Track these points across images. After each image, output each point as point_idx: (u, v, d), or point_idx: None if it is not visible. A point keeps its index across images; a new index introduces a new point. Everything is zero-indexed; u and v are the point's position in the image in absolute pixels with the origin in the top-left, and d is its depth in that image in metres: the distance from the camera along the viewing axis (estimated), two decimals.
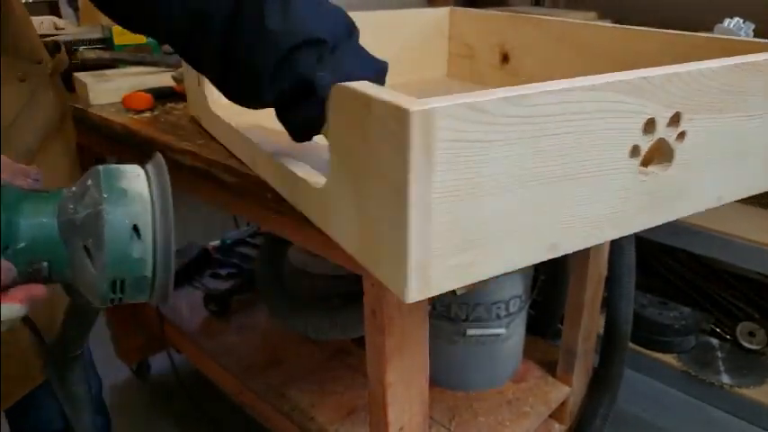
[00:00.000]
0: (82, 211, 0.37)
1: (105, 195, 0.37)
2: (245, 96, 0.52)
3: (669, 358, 1.48)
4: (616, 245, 1.10)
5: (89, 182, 0.38)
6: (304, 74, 0.48)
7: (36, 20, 1.29)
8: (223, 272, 1.48)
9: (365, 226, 0.40)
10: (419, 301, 0.64)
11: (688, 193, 0.50)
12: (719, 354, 1.48)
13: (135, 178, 0.39)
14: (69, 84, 0.96)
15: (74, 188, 0.39)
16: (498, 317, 1.09)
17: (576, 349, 1.10)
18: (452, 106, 0.34)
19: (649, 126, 0.43)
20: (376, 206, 0.38)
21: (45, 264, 0.37)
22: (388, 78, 0.52)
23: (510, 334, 1.12)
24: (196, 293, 1.39)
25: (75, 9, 1.46)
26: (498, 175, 0.37)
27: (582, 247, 0.44)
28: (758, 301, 1.50)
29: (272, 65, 0.48)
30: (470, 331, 1.09)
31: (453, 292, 0.47)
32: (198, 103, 0.77)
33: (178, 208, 0.39)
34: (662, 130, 0.44)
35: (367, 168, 0.38)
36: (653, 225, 0.49)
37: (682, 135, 0.45)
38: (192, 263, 1.47)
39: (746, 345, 1.47)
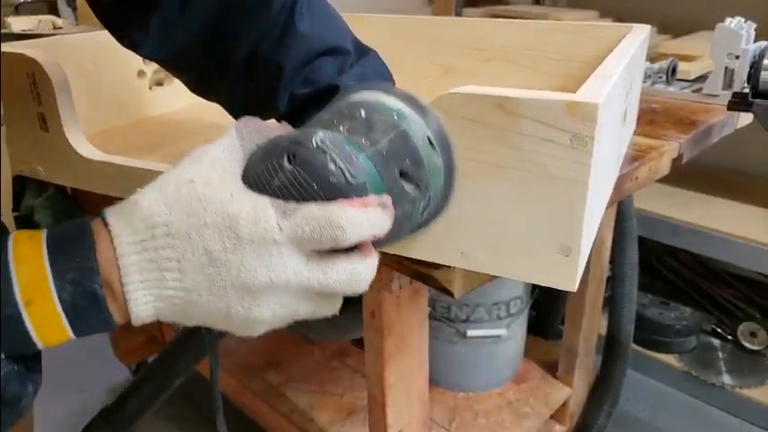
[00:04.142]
0: (381, 139, 0.34)
1: (395, 116, 0.35)
2: (259, 101, 0.52)
3: (670, 359, 1.48)
4: (619, 244, 1.09)
5: (361, 112, 0.35)
6: (325, 80, 0.49)
7: (34, 19, 1.29)
8: None
9: (497, 232, 0.41)
10: (418, 302, 0.64)
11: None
12: (721, 354, 1.48)
13: (386, 97, 0.37)
14: None
15: (341, 127, 0.34)
16: (499, 318, 1.09)
17: (578, 350, 1.10)
18: (607, 95, 0.37)
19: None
20: (527, 208, 0.39)
21: None
22: None
23: (511, 335, 1.12)
24: None
25: (74, 9, 1.46)
26: (603, 157, 0.41)
27: None
28: (759, 302, 1.49)
29: (296, 66, 0.49)
30: (471, 332, 1.09)
31: (452, 293, 0.46)
32: (49, 150, 0.65)
33: None
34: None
35: (501, 172, 0.39)
36: None
37: None
38: None
39: (748, 345, 1.46)
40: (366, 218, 0.31)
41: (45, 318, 0.29)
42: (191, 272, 0.31)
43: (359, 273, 0.32)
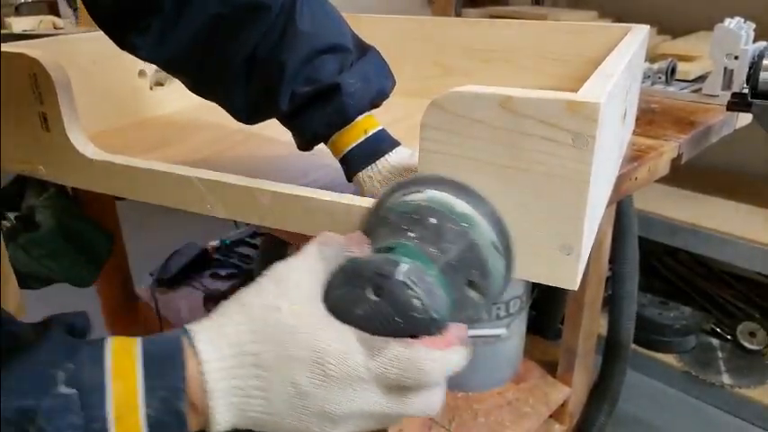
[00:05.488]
0: (452, 249, 0.35)
1: (465, 225, 0.36)
2: (261, 101, 0.52)
3: (669, 358, 1.48)
4: (619, 244, 1.09)
5: (431, 220, 0.36)
6: (326, 79, 0.49)
7: (35, 19, 1.29)
8: (223, 272, 1.47)
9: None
10: None
11: None
12: (720, 354, 1.48)
13: (455, 201, 0.38)
14: None
15: (411, 233, 0.36)
16: (498, 317, 1.09)
17: (577, 349, 1.10)
18: (609, 94, 0.37)
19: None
20: (529, 207, 0.39)
21: None
22: None
23: (510, 334, 1.12)
24: (196, 294, 1.39)
25: (75, 9, 1.46)
26: (603, 156, 0.41)
27: None
28: (758, 302, 1.49)
29: (297, 64, 0.49)
30: (470, 332, 1.08)
31: None
32: (51, 150, 0.64)
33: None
34: None
35: (502, 171, 0.39)
36: None
37: None
38: (191, 263, 1.47)
39: (747, 345, 1.47)
40: (449, 359, 0.33)
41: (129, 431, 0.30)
42: (276, 401, 0.32)
43: (434, 403, 0.34)
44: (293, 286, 0.33)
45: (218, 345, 0.32)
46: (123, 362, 0.31)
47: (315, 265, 0.34)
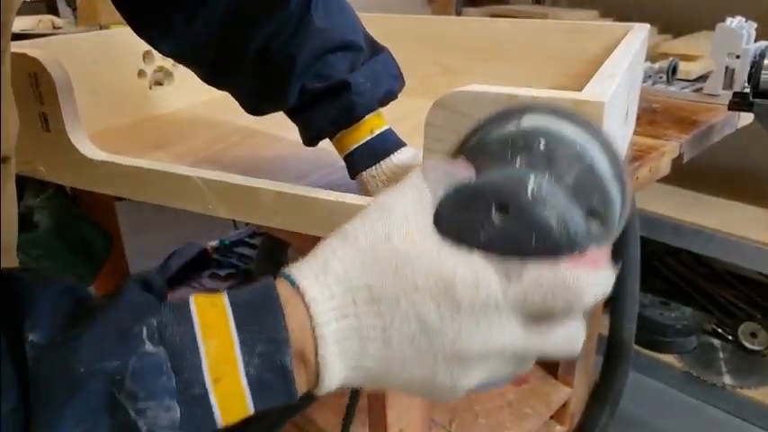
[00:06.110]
0: (568, 174, 0.29)
1: (578, 148, 0.30)
2: (270, 93, 0.52)
3: (670, 359, 1.48)
4: (620, 243, 1.09)
5: (540, 144, 0.29)
6: (337, 76, 0.50)
7: (33, 19, 1.29)
8: (222, 272, 1.47)
9: None
10: None
11: None
12: (721, 354, 1.48)
13: (561, 123, 0.31)
14: None
15: (517, 161, 0.29)
16: None
17: None
18: (612, 94, 0.37)
19: None
20: None
21: None
22: None
23: None
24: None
25: (74, 8, 1.45)
26: None
27: None
28: (760, 302, 1.49)
29: (309, 59, 0.49)
30: None
31: None
32: (51, 150, 0.64)
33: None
34: None
35: None
36: None
37: None
38: (190, 263, 1.47)
39: (748, 345, 1.46)
40: (599, 278, 0.27)
41: (231, 395, 0.26)
42: (397, 342, 0.27)
43: (577, 337, 0.29)
44: (401, 215, 0.29)
45: (325, 282, 0.27)
46: (212, 315, 0.26)
47: (422, 194, 0.30)
